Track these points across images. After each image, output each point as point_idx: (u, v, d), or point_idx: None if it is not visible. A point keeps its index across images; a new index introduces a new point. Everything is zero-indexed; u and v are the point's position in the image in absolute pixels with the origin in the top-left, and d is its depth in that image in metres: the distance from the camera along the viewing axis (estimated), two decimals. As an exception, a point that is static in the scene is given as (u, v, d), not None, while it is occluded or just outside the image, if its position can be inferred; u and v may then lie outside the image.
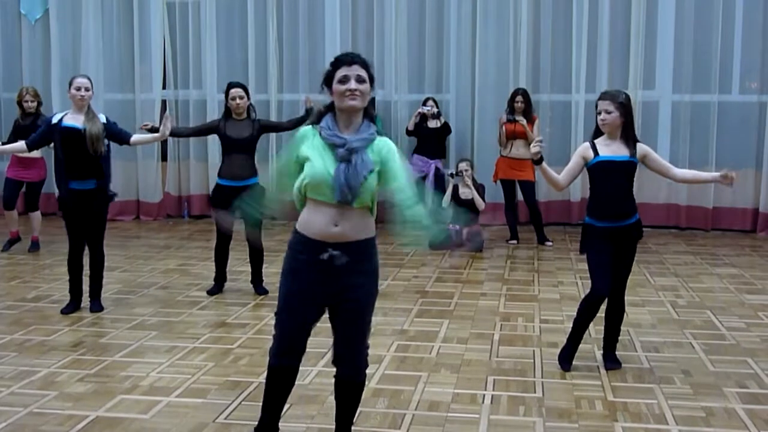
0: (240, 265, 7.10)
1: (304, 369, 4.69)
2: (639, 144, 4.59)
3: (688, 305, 6.27)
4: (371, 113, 3.31)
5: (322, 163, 3.18)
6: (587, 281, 6.77)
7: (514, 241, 8.93)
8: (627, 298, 4.74)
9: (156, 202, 10.71)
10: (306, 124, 3.38)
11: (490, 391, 4.37)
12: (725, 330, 5.59)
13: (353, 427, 3.57)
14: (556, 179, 4.64)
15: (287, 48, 10.36)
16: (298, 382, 4.50)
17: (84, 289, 6.07)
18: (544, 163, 4.57)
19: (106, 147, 5.87)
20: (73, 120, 5.80)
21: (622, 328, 4.82)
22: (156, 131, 6.54)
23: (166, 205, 10.77)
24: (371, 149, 3.24)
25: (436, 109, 9.54)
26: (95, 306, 6.03)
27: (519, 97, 8.81)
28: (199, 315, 5.95)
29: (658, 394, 4.35)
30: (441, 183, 9.49)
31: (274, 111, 10.27)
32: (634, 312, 5.85)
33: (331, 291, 3.28)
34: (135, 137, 6.17)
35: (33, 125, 7.40)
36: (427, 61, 10.11)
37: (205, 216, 10.52)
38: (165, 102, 10.61)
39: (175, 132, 6.65)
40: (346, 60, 3.21)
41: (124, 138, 6.03)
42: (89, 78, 5.98)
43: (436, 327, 5.61)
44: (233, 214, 6.27)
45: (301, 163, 3.24)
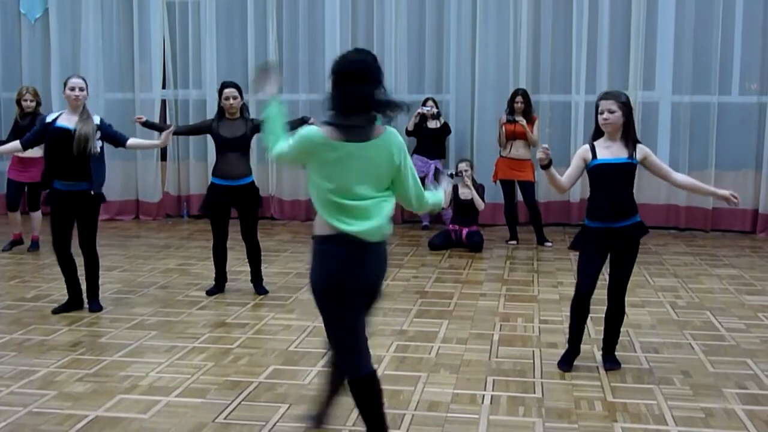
0: (240, 265, 7.09)
1: (304, 369, 4.72)
2: (639, 145, 4.57)
3: (687, 306, 6.27)
4: None
5: None
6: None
7: (513, 242, 8.93)
8: (627, 299, 4.73)
9: (155, 201, 10.70)
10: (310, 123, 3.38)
11: (489, 392, 4.37)
12: (725, 331, 5.58)
13: (354, 427, 3.56)
14: (560, 182, 4.66)
15: (287, 48, 10.36)
16: (298, 382, 4.53)
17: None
18: (552, 168, 4.58)
19: (99, 149, 5.83)
20: (67, 121, 5.78)
21: (621, 329, 4.81)
22: (149, 126, 6.58)
23: (165, 205, 10.76)
24: None
25: (435, 110, 9.53)
26: (94, 306, 6.03)
27: (519, 98, 8.80)
28: (199, 315, 5.95)
29: (657, 394, 4.35)
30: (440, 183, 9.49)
31: (273, 111, 10.25)
32: (633, 313, 5.85)
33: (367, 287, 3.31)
34: (132, 141, 6.13)
35: (32, 125, 7.37)
36: (427, 62, 10.11)
37: (205, 216, 10.51)
38: (165, 102, 10.61)
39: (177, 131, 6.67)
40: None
41: (119, 140, 6.01)
42: (84, 78, 5.97)
43: (435, 327, 5.61)
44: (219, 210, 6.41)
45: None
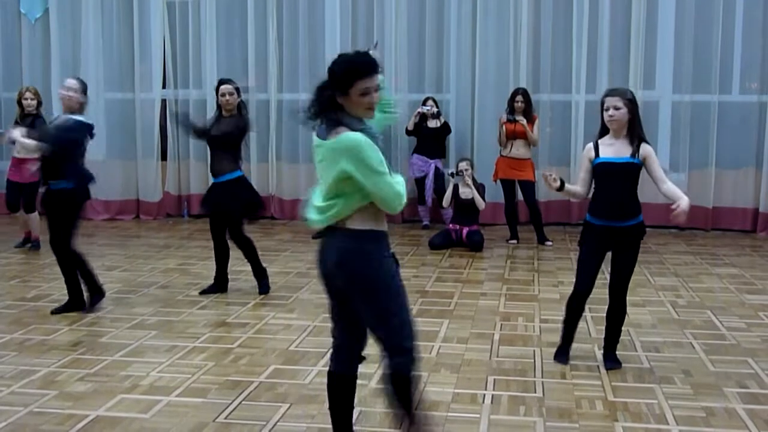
0: (239, 265, 7.08)
1: (304, 369, 4.71)
2: (644, 144, 4.52)
3: (688, 305, 6.27)
4: None
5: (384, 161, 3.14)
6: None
7: (514, 241, 8.93)
8: (627, 298, 4.72)
9: (156, 201, 10.69)
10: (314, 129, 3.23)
11: (490, 391, 4.37)
12: (725, 330, 5.58)
13: (355, 427, 3.56)
14: (577, 193, 4.69)
15: (287, 48, 10.35)
16: (298, 381, 4.53)
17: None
18: (566, 186, 4.61)
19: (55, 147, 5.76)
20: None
21: (622, 328, 4.81)
22: (185, 124, 6.65)
23: (165, 205, 10.76)
24: None
25: (435, 109, 9.53)
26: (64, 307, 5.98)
27: (519, 97, 8.80)
28: (199, 314, 5.95)
29: (658, 394, 4.34)
30: (441, 182, 9.50)
31: (273, 110, 10.27)
32: (634, 312, 5.84)
33: None
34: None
35: (32, 125, 7.38)
36: (427, 61, 10.10)
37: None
38: (165, 101, 10.61)
39: (198, 131, 6.50)
40: (366, 71, 3.06)
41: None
42: (79, 79, 6.01)
43: (436, 327, 5.60)
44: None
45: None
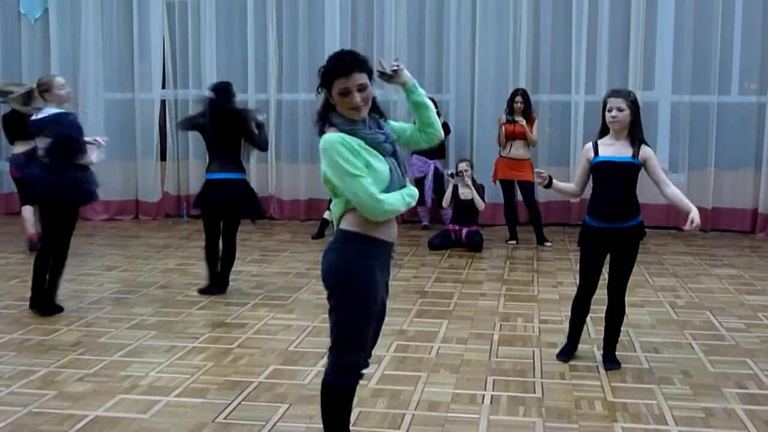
0: (239, 265, 7.08)
1: (304, 369, 4.71)
2: (644, 146, 4.53)
3: (687, 306, 6.27)
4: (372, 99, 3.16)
5: (382, 164, 3.04)
6: (587, 282, 6.85)
7: (513, 242, 8.93)
8: (626, 298, 4.73)
9: (155, 201, 10.69)
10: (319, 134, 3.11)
11: (489, 392, 4.37)
12: (725, 330, 5.58)
13: (353, 428, 3.57)
14: (571, 190, 4.73)
15: (287, 48, 10.35)
16: (297, 381, 4.53)
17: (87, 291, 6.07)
18: (554, 183, 4.63)
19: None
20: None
21: (621, 328, 4.81)
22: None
23: (165, 205, 10.75)
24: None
25: (435, 110, 9.50)
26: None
27: (518, 98, 8.80)
28: (199, 315, 5.95)
29: (657, 394, 4.35)
30: (440, 183, 9.50)
31: (273, 111, 10.26)
32: (633, 312, 5.85)
33: (384, 290, 3.21)
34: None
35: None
36: (427, 61, 10.10)
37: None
38: (164, 102, 10.61)
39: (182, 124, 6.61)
40: (343, 69, 2.96)
41: None
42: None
43: (435, 327, 5.60)
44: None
45: None
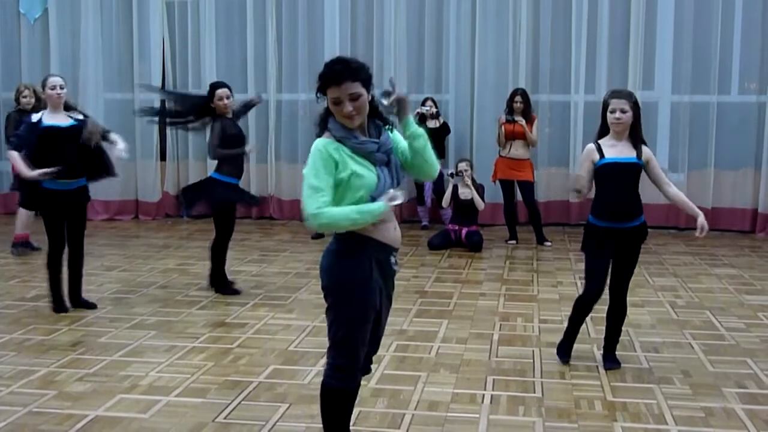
0: (239, 265, 7.08)
1: (304, 369, 4.71)
2: (644, 147, 4.55)
3: (687, 306, 6.27)
4: (374, 105, 3.18)
5: (369, 172, 3.05)
6: (586, 281, 6.85)
7: (513, 242, 8.93)
8: (627, 298, 4.73)
9: (155, 201, 10.69)
10: (317, 135, 3.11)
11: (489, 391, 4.37)
12: (724, 330, 5.59)
13: (353, 427, 3.57)
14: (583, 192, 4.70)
15: (286, 48, 10.35)
16: (297, 381, 4.53)
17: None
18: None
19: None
20: (52, 119, 5.80)
21: (622, 328, 4.81)
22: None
23: (164, 205, 10.75)
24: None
25: (435, 109, 9.52)
26: (87, 302, 6.06)
27: (518, 98, 8.80)
28: (199, 314, 5.95)
29: (657, 394, 4.35)
30: (440, 183, 9.49)
31: (273, 111, 10.26)
32: (633, 312, 5.84)
33: (382, 297, 3.18)
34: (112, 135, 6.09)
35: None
36: (427, 61, 10.10)
37: (205, 216, 10.50)
38: (164, 102, 10.59)
39: (223, 154, 6.41)
40: (334, 79, 2.96)
41: (106, 136, 6.04)
42: (62, 77, 6.02)
43: (435, 327, 5.60)
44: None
45: (337, 183, 3.01)
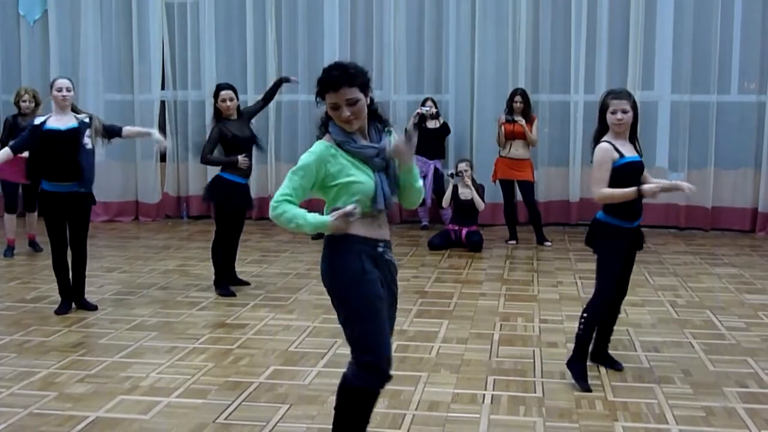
0: (240, 266, 7.07)
1: (304, 369, 4.71)
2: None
3: (687, 305, 6.27)
4: (373, 108, 3.17)
5: (366, 177, 3.07)
6: (586, 281, 6.84)
7: (513, 242, 8.93)
8: (626, 297, 4.73)
9: (155, 202, 10.69)
10: (317, 137, 3.15)
11: (490, 391, 4.37)
12: (725, 330, 5.58)
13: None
14: None
15: (286, 48, 10.35)
16: (298, 382, 4.53)
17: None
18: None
19: (92, 146, 5.86)
20: (57, 122, 5.80)
21: (621, 327, 4.81)
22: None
23: (164, 206, 10.76)
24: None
25: (435, 110, 9.53)
26: (87, 304, 6.06)
27: (518, 98, 8.80)
28: (199, 315, 5.95)
29: (658, 393, 4.34)
30: (440, 183, 9.50)
31: (272, 111, 10.26)
32: (633, 312, 5.85)
33: (386, 288, 3.21)
34: (126, 129, 6.22)
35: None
36: (426, 62, 10.10)
37: (205, 216, 10.52)
38: (164, 103, 10.61)
39: (211, 161, 6.50)
40: (331, 85, 2.99)
41: (116, 130, 6.10)
42: (70, 79, 6.02)
43: (435, 327, 5.60)
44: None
45: (327, 184, 3.06)
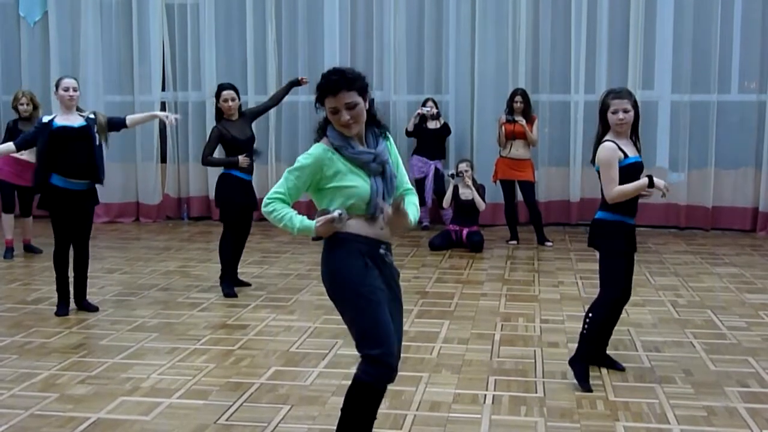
0: (241, 266, 7.06)
1: (305, 370, 4.71)
2: None
3: (688, 305, 6.27)
4: (372, 113, 3.21)
5: (362, 182, 3.11)
6: (587, 281, 6.85)
7: (514, 242, 8.93)
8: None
9: (155, 204, 10.70)
10: (315, 140, 3.19)
11: (491, 392, 4.37)
12: (726, 329, 5.58)
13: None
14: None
15: (286, 49, 10.36)
16: (299, 383, 4.53)
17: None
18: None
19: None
20: (66, 120, 5.81)
21: (622, 327, 4.81)
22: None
23: (165, 207, 10.76)
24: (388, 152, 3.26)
25: (435, 110, 9.54)
26: (89, 305, 6.07)
27: (518, 98, 8.80)
28: (200, 316, 5.95)
29: (659, 393, 4.34)
30: (441, 183, 9.50)
31: (273, 112, 10.22)
32: (634, 312, 5.85)
33: (389, 290, 3.22)
34: (130, 118, 6.26)
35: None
36: (427, 62, 10.10)
37: (205, 217, 10.53)
38: (164, 104, 10.61)
39: (212, 162, 6.52)
40: (330, 89, 3.05)
41: (121, 122, 6.13)
42: (76, 79, 6.04)
43: (436, 327, 5.60)
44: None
45: (322, 186, 3.12)
